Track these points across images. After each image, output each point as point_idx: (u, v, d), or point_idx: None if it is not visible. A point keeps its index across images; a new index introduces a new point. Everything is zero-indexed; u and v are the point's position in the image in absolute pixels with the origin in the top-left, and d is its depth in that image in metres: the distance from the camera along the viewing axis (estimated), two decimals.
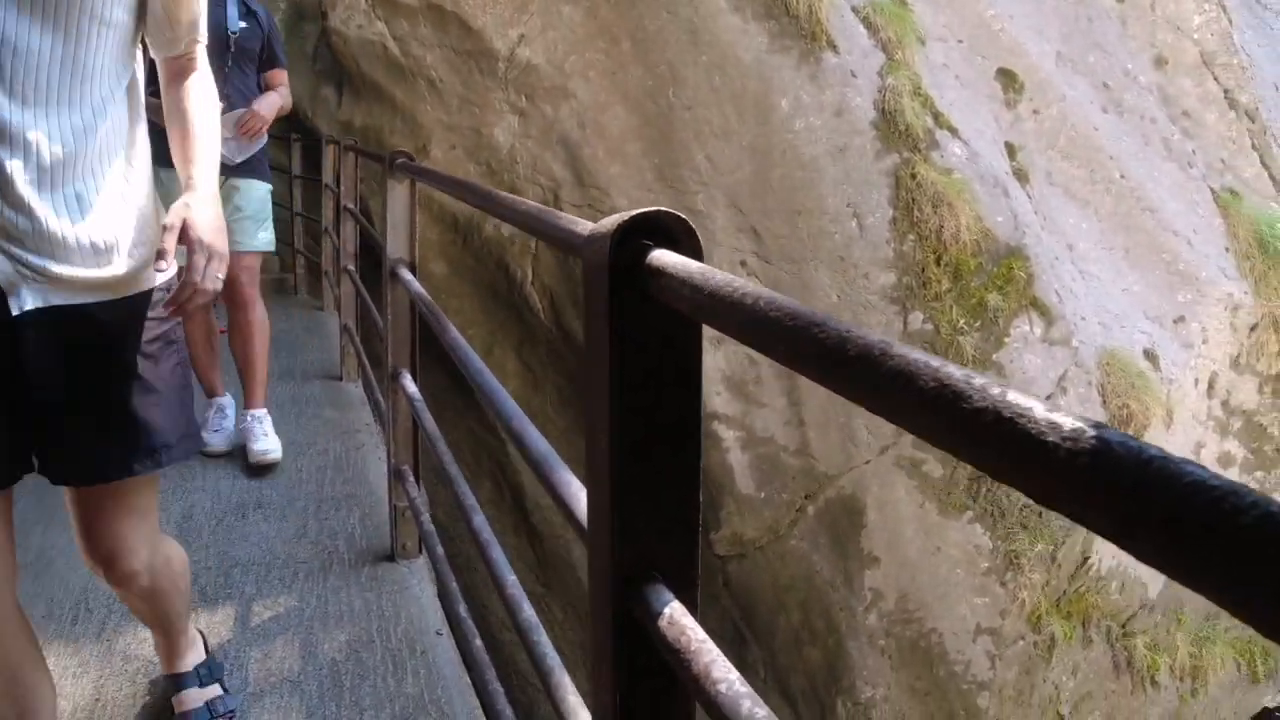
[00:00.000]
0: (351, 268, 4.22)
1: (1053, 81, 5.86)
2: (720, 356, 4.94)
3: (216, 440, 3.41)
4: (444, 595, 2.34)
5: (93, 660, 2.17)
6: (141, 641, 2.25)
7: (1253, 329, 4.89)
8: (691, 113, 5.19)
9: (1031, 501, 3.32)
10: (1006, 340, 4.50)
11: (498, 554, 1.82)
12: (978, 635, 4.50)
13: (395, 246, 2.54)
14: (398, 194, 2.55)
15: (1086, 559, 4.74)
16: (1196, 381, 4.80)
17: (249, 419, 3.39)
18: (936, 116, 4.94)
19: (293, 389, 4.30)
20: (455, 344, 1.97)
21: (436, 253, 6.04)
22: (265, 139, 3.73)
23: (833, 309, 4.66)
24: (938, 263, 4.52)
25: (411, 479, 2.56)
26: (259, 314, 3.44)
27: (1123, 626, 4.96)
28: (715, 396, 4.89)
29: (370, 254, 4.68)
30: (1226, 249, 4.98)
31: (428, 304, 2.27)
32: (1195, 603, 5.36)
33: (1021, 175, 5.20)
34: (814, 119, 4.82)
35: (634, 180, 5.36)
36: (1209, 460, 4.95)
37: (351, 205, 4.26)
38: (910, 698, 4.57)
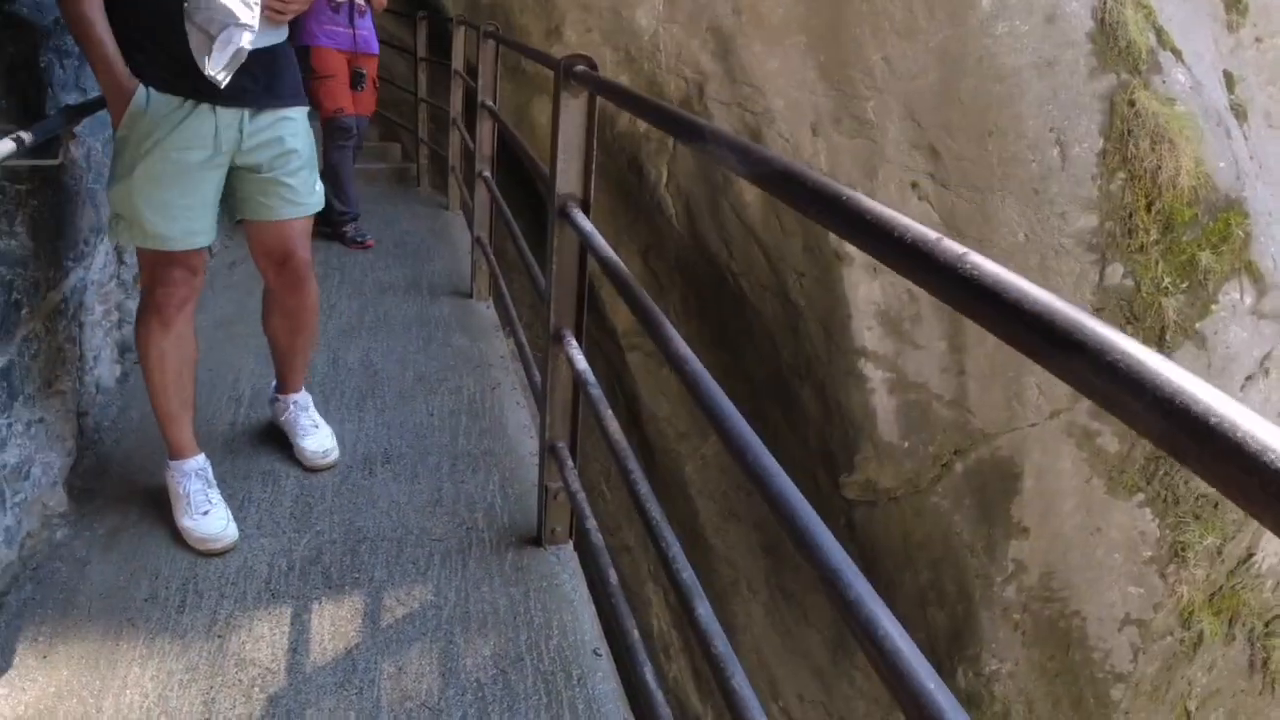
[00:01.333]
0: (488, 174, 3.64)
1: (1278, 6, 4.90)
2: (876, 287, 4.33)
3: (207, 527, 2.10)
4: (604, 608, 1.90)
5: (202, 664, 1.77)
6: (258, 640, 1.84)
7: None
8: (869, 4, 4.41)
9: (1210, 489, 2.72)
10: (1214, 308, 3.81)
11: (689, 576, 1.39)
12: (1124, 625, 3.99)
13: (566, 179, 1.97)
14: (572, 111, 1.96)
15: (1250, 555, 4.16)
16: None
17: (293, 408, 2.48)
18: (1159, 34, 4.11)
19: (419, 307, 3.76)
20: (655, 321, 1.45)
21: None
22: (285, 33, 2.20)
23: (1017, 249, 3.99)
24: (1148, 209, 3.80)
25: (569, 461, 2.08)
26: (315, 293, 2.36)
27: (1266, 626, 4.40)
28: (866, 331, 4.30)
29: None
30: None
31: (609, 260, 1.74)
32: None
33: (1240, 112, 4.37)
34: (1020, 23, 4.03)
35: (793, 79, 4.64)
36: None
37: (491, 103, 3.65)
38: (1038, 677, 4.12)
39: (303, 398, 2.52)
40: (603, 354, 5.39)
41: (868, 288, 4.25)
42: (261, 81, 2.06)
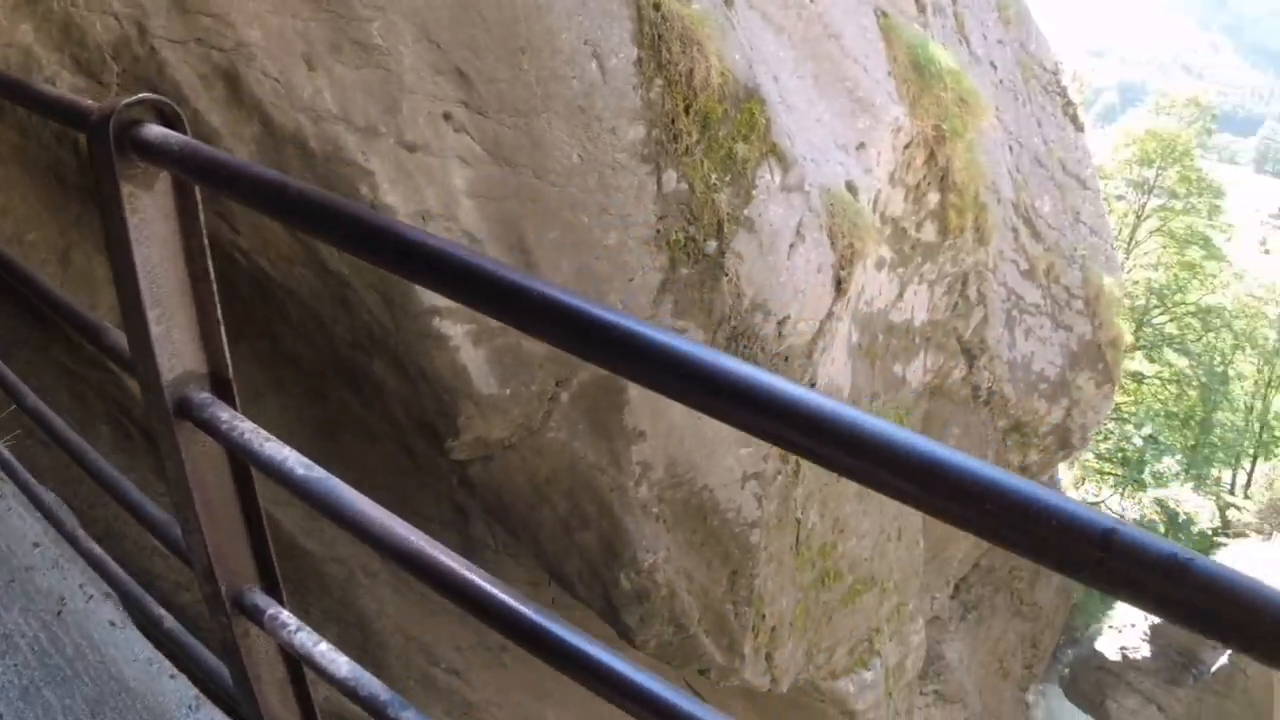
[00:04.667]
0: None
1: None
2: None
3: None
4: None
5: None
6: None
7: (906, 147, 4.66)
8: None
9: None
10: (754, 193, 3.73)
11: None
12: (745, 481, 4.04)
13: (173, 347, 0.99)
14: (152, 222, 0.94)
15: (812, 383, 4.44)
16: (869, 202, 4.51)
17: None
18: None
19: None
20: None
21: None
22: None
23: (574, 172, 3.49)
24: (687, 111, 3.52)
25: None
26: None
27: None
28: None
29: None
30: (889, 73, 4.59)
31: (254, 455, 0.93)
32: None
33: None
34: None
35: (267, 2, 3.44)
36: (870, 266, 4.82)
37: None
38: (688, 552, 4.06)
39: None
40: (92, 386, 3.88)
41: None
42: None
